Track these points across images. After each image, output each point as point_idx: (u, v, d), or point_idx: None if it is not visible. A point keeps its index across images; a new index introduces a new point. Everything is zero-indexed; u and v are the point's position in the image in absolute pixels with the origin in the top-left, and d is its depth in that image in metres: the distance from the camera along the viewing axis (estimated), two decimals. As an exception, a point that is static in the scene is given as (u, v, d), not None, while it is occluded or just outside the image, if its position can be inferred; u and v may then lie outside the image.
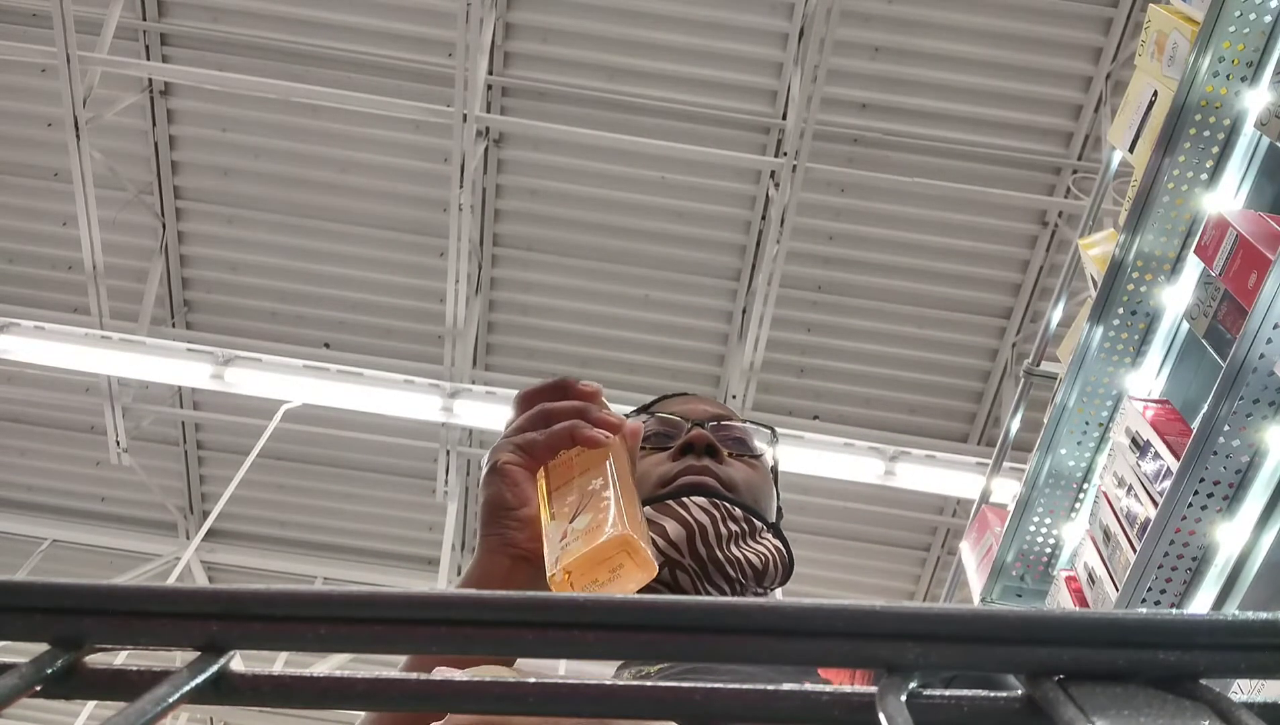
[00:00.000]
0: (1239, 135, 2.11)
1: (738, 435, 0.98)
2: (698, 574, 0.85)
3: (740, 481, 0.92)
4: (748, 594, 0.88)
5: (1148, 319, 2.35)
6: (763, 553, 0.88)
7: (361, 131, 4.90)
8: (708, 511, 0.87)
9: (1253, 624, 0.19)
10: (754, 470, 0.96)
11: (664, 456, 0.94)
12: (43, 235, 5.23)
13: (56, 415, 5.59)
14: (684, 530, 0.85)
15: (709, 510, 0.87)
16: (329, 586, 0.22)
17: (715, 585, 0.86)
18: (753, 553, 0.87)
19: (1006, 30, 4.55)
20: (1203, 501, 1.90)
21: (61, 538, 5.82)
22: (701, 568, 0.85)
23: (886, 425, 5.26)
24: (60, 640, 0.20)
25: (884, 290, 5.10)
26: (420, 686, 0.20)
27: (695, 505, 0.87)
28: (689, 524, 0.86)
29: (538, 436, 0.73)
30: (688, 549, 0.85)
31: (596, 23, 4.69)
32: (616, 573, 0.61)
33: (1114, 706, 0.19)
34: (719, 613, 0.20)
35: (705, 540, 0.85)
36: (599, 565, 0.61)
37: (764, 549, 0.89)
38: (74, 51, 4.38)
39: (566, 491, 0.70)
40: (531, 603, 0.21)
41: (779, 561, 0.90)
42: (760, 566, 0.87)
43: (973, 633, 0.20)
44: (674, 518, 0.86)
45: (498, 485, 0.73)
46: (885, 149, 4.84)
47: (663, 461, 0.94)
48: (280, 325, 5.38)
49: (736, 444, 0.97)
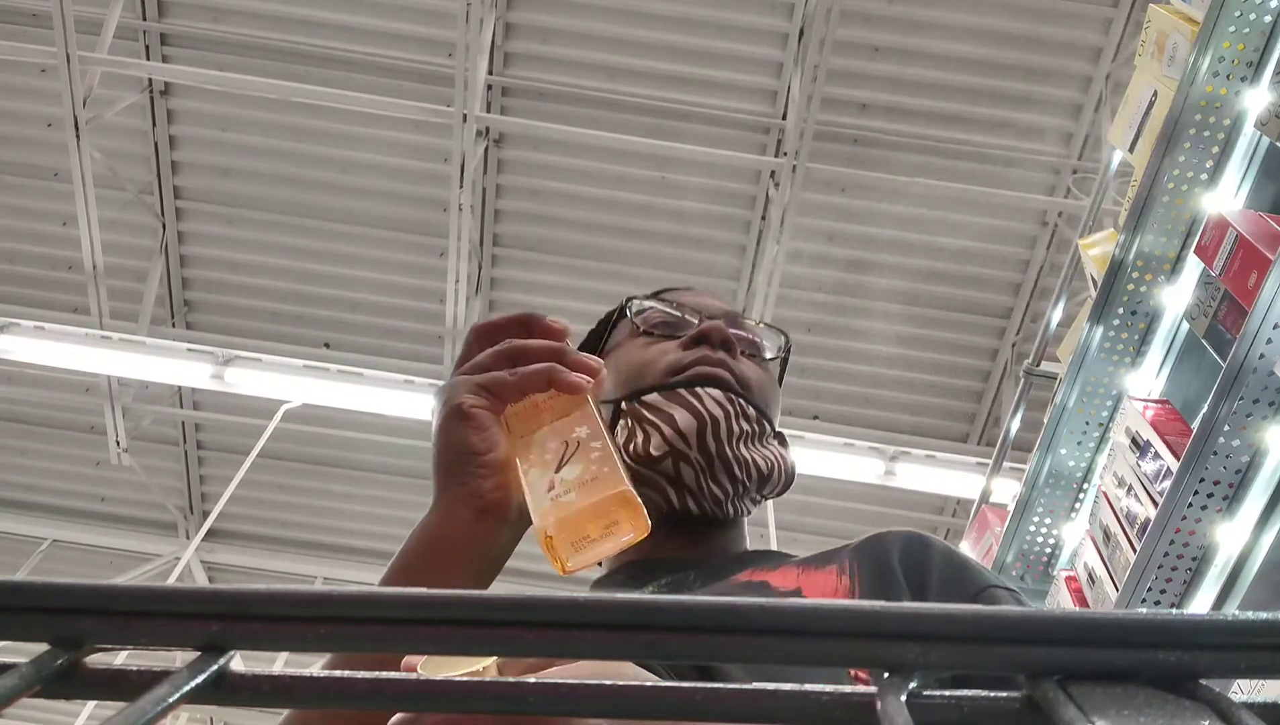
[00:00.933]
0: (1239, 135, 2.11)
1: (751, 335, 0.93)
2: (703, 469, 0.81)
3: (753, 381, 0.87)
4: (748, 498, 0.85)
5: (1148, 319, 2.36)
6: (770, 458, 0.85)
7: (361, 131, 4.91)
8: (721, 405, 0.82)
9: (1253, 624, 0.19)
10: (765, 373, 0.91)
11: (673, 345, 0.88)
12: (43, 235, 5.23)
13: (56, 415, 5.59)
14: (695, 422, 0.81)
15: (723, 404, 0.82)
16: (329, 586, 0.22)
17: (719, 483, 0.82)
18: (760, 456, 0.84)
19: (1006, 30, 4.56)
20: (1203, 501, 1.90)
21: (61, 538, 5.82)
22: (708, 463, 0.81)
23: (886, 425, 5.26)
24: (60, 640, 0.20)
25: (884, 290, 5.10)
26: (420, 686, 0.20)
27: (709, 397, 0.82)
28: (701, 416, 0.81)
29: (507, 377, 0.66)
30: (696, 442, 0.81)
31: (596, 23, 4.69)
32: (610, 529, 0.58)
33: (1114, 706, 0.19)
34: (719, 613, 0.20)
35: (716, 435, 0.81)
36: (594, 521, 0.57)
37: (771, 455, 0.85)
38: (74, 51, 4.38)
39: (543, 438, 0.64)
40: (532, 603, 0.21)
41: (783, 470, 0.86)
42: (765, 472, 0.83)
43: (973, 633, 0.20)
44: (685, 407, 0.81)
45: (461, 429, 0.65)
46: (885, 149, 4.84)
47: (671, 350, 0.88)
48: (280, 325, 5.38)
49: (749, 344, 0.92)
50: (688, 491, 0.82)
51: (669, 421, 0.81)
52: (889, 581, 0.72)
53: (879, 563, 0.74)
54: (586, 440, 0.62)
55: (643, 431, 0.82)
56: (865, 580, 0.73)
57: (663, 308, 0.94)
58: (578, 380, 0.65)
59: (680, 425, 0.81)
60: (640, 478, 0.82)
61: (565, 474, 0.60)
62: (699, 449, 0.81)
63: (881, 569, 0.73)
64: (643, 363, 0.88)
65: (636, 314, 0.94)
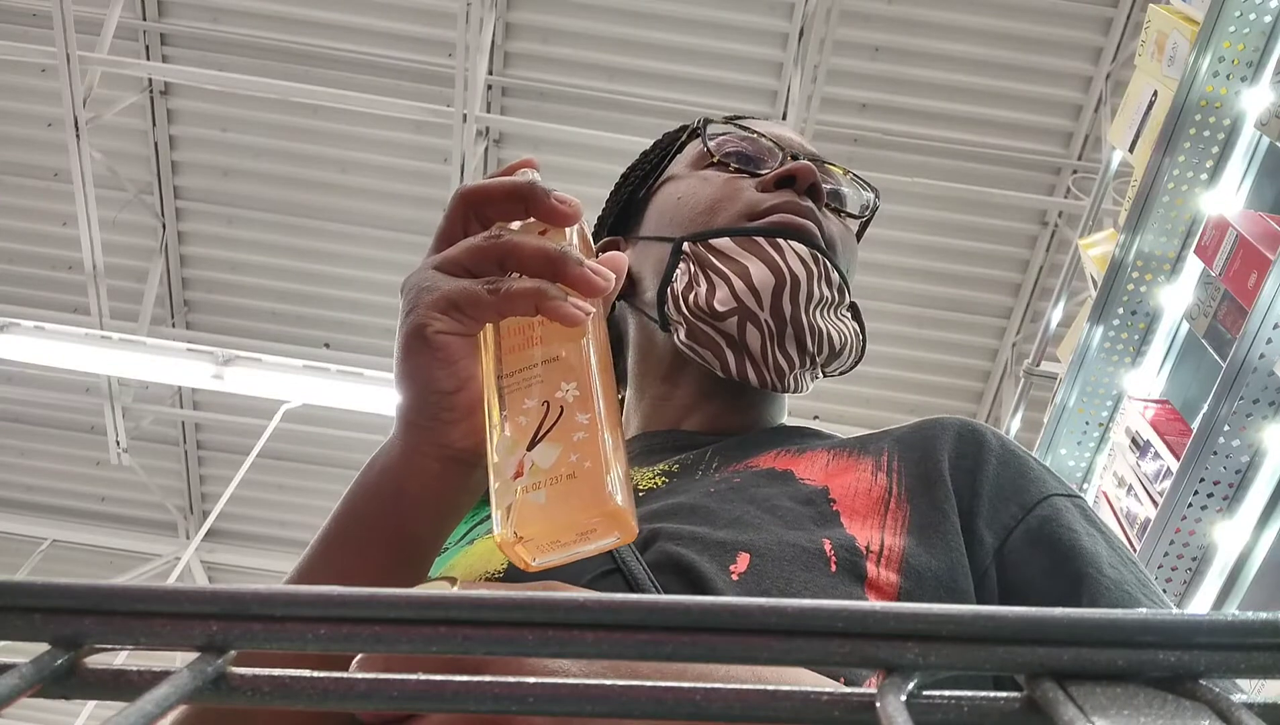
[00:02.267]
0: (1239, 135, 2.12)
1: (838, 186, 0.81)
2: (772, 334, 0.70)
3: (838, 240, 0.76)
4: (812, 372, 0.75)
5: (1148, 319, 2.36)
6: (845, 332, 0.75)
7: (361, 131, 4.91)
8: (806, 263, 0.71)
9: (1253, 624, 0.19)
10: (849, 232, 0.80)
11: (752, 183, 0.76)
12: (43, 235, 5.23)
13: (56, 415, 5.59)
14: (773, 278, 0.70)
15: (807, 263, 0.71)
16: (329, 586, 0.22)
17: (785, 352, 0.71)
18: (836, 329, 0.73)
19: (1006, 30, 4.55)
20: (1203, 501, 1.90)
21: (61, 538, 5.82)
22: (779, 328, 0.70)
23: (886, 425, 5.25)
24: (60, 640, 0.20)
25: (884, 290, 5.10)
26: (419, 686, 0.20)
27: (792, 252, 0.71)
28: (781, 272, 0.70)
29: (484, 293, 0.50)
30: (770, 302, 0.70)
31: (596, 23, 4.69)
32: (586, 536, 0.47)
33: (1114, 706, 0.19)
34: (720, 613, 0.20)
35: (794, 297, 0.70)
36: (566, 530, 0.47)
37: (846, 328, 0.75)
38: (74, 51, 4.38)
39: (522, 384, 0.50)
40: (532, 603, 0.21)
41: (855, 347, 0.77)
42: (839, 346, 0.74)
43: (973, 632, 0.20)
44: (763, 260, 0.70)
45: (424, 358, 0.52)
46: (885, 149, 4.84)
47: (749, 188, 0.75)
48: (280, 325, 5.38)
49: (835, 196, 0.80)
50: (749, 358, 0.71)
51: (742, 274, 0.70)
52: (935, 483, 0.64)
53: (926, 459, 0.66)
54: (572, 407, 0.48)
55: (707, 280, 0.71)
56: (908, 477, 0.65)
57: (743, 134, 0.80)
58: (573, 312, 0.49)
59: (755, 280, 0.69)
60: (696, 334, 0.72)
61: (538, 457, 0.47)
62: (772, 311, 0.70)
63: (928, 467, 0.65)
64: (715, 199, 0.75)
65: (711, 138, 0.80)
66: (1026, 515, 0.62)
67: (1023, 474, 0.65)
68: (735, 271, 0.70)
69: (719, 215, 0.74)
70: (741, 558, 0.59)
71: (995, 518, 0.62)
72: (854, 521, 0.62)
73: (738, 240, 0.71)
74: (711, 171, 0.78)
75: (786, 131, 0.83)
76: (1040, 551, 0.61)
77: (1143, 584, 0.61)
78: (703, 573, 0.58)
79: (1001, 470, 0.65)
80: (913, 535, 0.61)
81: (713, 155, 0.79)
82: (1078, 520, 0.63)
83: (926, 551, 0.60)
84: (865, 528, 0.61)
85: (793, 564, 0.59)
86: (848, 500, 0.63)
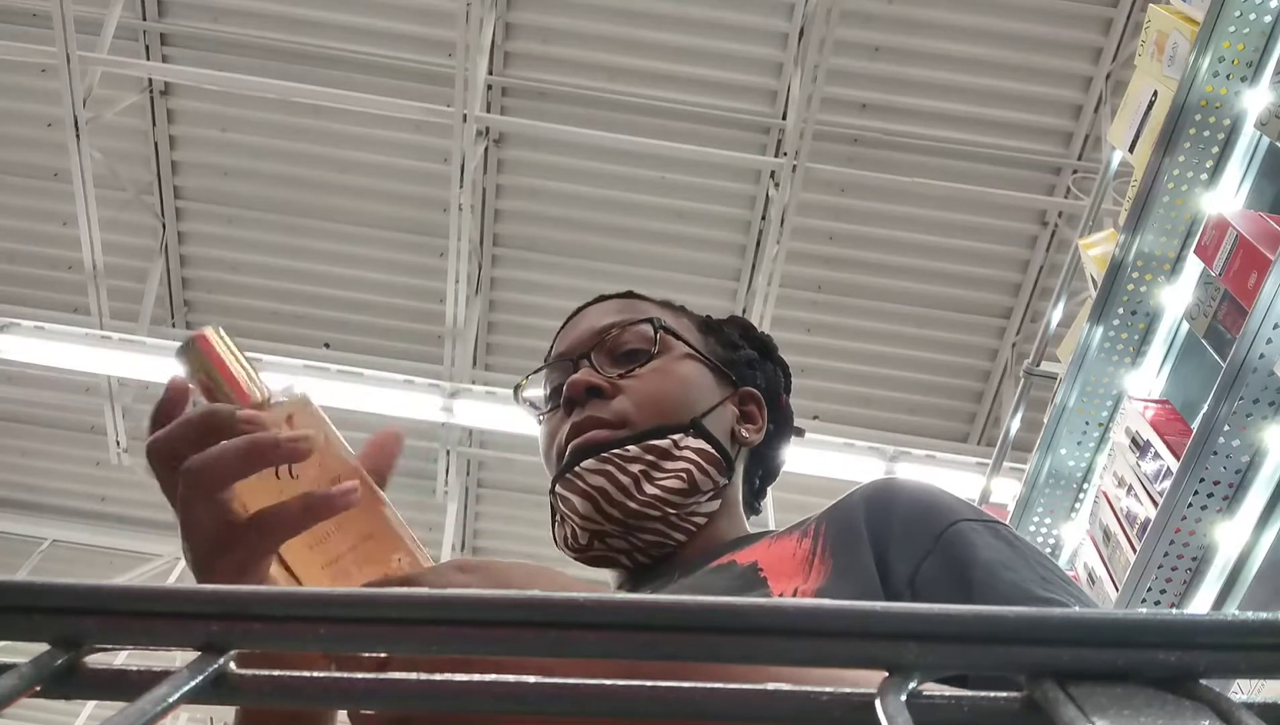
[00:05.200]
0: (1239, 135, 2.11)
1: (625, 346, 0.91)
2: (622, 533, 0.83)
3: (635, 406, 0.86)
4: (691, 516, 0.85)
5: (1148, 319, 2.35)
6: (681, 471, 0.84)
7: (361, 131, 4.90)
8: (600, 471, 0.83)
9: (1253, 624, 0.19)
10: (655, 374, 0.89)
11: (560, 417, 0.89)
12: (43, 235, 5.23)
13: (56, 415, 5.59)
14: (587, 502, 0.83)
15: (601, 469, 0.83)
16: (329, 587, 0.22)
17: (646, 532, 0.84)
18: (669, 477, 0.84)
19: (1006, 30, 4.55)
20: (1203, 501, 1.90)
21: (61, 538, 5.81)
22: (622, 527, 0.83)
23: (886, 425, 5.26)
24: (60, 640, 0.20)
25: (884, 290, 5.10)
26: (420, 686, 0.20)
27: (588, 472, 0.83)
28: (590, 495, 0.83)
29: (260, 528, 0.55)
30: (600, 516, 0.82)
31: (596, 23, 4.69)
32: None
33: (1114, 706, 0.19)
34: (719, 613, 0.20)
35: (610, 501, 0.82)
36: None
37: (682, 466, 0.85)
38: (74, 51, 4.38)
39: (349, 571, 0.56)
40: (532, 603, 0.21)
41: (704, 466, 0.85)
42: (684, 486, 0.84)
43: (973, 632, 0.20)
44: (575, 492, 0.83)
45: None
46: (885, 149, 4.84)
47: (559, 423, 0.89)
48: (280, 325, 5.38)
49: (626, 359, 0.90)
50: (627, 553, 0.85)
51: (573, 510, 0.84)
52: (852, 534, 0.69)
53: (846, 519, 0.72)
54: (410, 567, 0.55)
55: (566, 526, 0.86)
56: (829, 540, 0.70)
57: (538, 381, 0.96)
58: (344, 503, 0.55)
59: (580, 511, 0.83)
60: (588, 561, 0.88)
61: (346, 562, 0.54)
62: (608, 520, 0.83)
63: (847, 526, 0.71)
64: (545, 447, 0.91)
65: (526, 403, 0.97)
66: (935, 544, 0.67)
67: (932, 509, 0.70)
68: (569, 509, 0.84)
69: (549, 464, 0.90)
70: None
71: (906, 550, 0.67)
72: (779, 581, 0.69)
73: (562, 483, 0.85)
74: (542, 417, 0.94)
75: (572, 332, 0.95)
76: (946, 571, 0.65)
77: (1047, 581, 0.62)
78: None
79: (912, 508, 0.70)
80: (830, 579, 0.67)
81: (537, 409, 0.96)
82: (981, 537, 0.66)
83: (838, 589, 0.66)
84: (788, 583, 0.68)
85: None
86: (774, 567, 0.71)
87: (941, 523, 0.67)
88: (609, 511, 0.82)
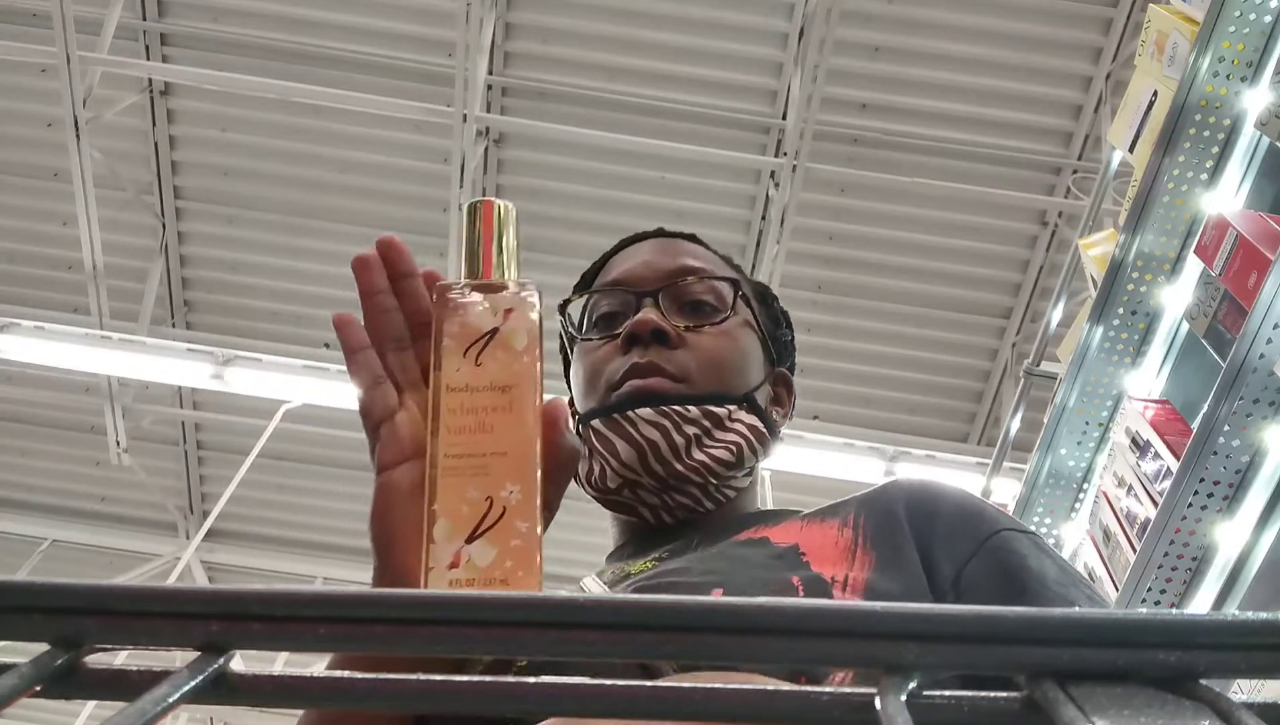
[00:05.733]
0: (1239, 135, 2.12)
1: (697, 296, 0.87)
2: (658, 489, 0.80)
3: (698, 365, 0.83)
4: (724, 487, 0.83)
5: (1148, 319, 2.35)
6: (732, 443, 0.82)
7: (361, 131, 4.90)
8: (657, 424, 0.79)
9: (1253, 624, 0.19)
10: (721, 336, 0.85)
11: (612, 349, 0.84)
12: (43, 235, 5.23)
13: (56, 415, 5.59)
14: (634, 451, 0.79)
15: (657, 422, 0.79)
16: (329, 586, 0.22)
17: (682, 493, 0.81)
18: (720, 447, 0.81)
19: (1006, 30, 4.55)
20: (1203, 501, 1.90)
21: (61, 538, 5.82)
22: (661, 483, 0.80)
23: (886, 425, 5.26)
24: (60, 640, 0.21)
25: (884, 290, 5.10)
26: (420, 686, 0.20)
27: (642, 420, 0.79)
28: (639, 444, 0.79)
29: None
30: (642, 468, 0.79)
31: (596, 23, 4.69)
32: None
33: (1114, 706, 0.19)
34: (720, 613, 0.20)
35: (659, 457, 0.79)
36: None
37: (733, 438, 0.82)
38: (74, 51, 4.38)
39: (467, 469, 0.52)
40: (532, 603, 0.21)
41: (754, 442, 0.83)
42: (731, 458, 0.81)
43: (972, 632, 0.20)
44: (622, 437, 0.79)
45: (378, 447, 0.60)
46: (885, 149, 4.84)
47: (612, 355, 0.84)
48: (280, 325, 5.38)
49: (694, 311, 0.86)
50: (655, 508, 0.82)
51: (613, 453, 0.80)
52: (894, 530, 0.70)
53: (885, 513, 0.72)
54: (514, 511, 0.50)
55: (598, 463, 0.81)
56: (870, 532, 0.71)
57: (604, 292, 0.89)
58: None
59: (623, 457, 0.79)
60: (608, 503, 0.84)
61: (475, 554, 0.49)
62: (648, 474, 0.79)
63: (887, 520, 0.71)
64: (587, 377, 0.86)
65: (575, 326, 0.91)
66: (980, 548, 0.69)
67: (978, 514, 0.73)
68: (609, 452, 0.80)
69: (590, 395, 0.85)
70: (715, 591, 0.65)
71: (952, 551, 0.69)
72: (823, 567, 0.68)
73: (604, 421, 0.81)
74: (586, 342, 0.88)
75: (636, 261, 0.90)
76: (993, 576, 0.68)
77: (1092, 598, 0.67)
78: None
79: (956, 513, 0.73)
80: (875, 571, 0.68)
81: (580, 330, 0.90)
82: (1027, 547, 0.69)
83: (887, 581, 0.67)
84: (833, 570, 0.68)
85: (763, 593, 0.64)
86: (816, 552, 0.70)
87: (987, 528, 0.70)
88: (653, 467, 0.79)
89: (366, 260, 0.62)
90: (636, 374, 0.81)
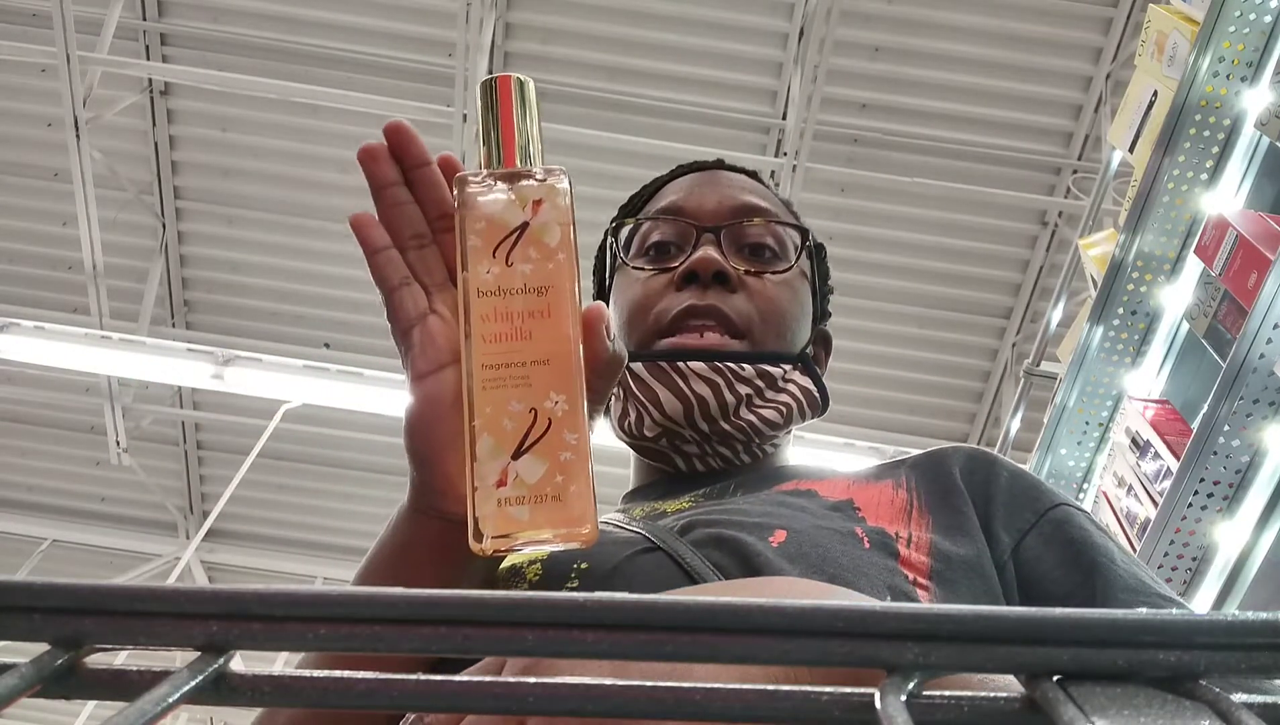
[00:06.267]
0: (1239, 135, 2.12)
1: (759, 240, 0.80)
2: (701, 441, 0.76)
3: (758, 314, 0.78)
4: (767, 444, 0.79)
5: (1148, 319, 2.36)
6: (782, 405, 0.78)
7: (361, 131, 4.90)
8: (709, 380, 0.74)
9: (1253, 624, 0.19)
10: (783, 286, 0.80)
11: (665, 283, 0.78)
12: (43, 235, 5.23)
13: (56, 415, 5.59)
14: (681, 405, 0.74)
15: (710, 378, 0.74)
16: (329, 586, 0.22)
17: (724, 448, 0.77)
18: (770, 408, 0.77)
19: (1006, 30, 4.55)
20: (1203, 501, 1.90)
21: (61, 538, 5.81)
22: (704, 438, 0.76)
23: (886, 425, 5.26)
24: (60, 640, 0.20)
25: (884, 290, 5.10)
26: (420, 686, 0.20)
27: (695, 375, 0.74)
28: (687, 398, 0.74)
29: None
30: (686, 422, 0.74)
31: (596, 23, 4.69)
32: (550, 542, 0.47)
33: (1114, 706, 0.19)
34: (720, 613, 0.20)
35: (706, 414, 0.74)
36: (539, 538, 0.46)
37: (785, 400, 0.78)
38: (74, 51, 4.38)
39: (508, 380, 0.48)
40: (532, 602, 0.21)
41: (804, 405, 0.80)
42: (780, 420, 0.77)
43: (972, 632, 0.20)
44: (670, 388, 0.74)
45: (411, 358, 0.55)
46: (885, 149, 4.84)
47: (663, 290, 0.78)
48: (280, 325, 5.38)
49: (754, 255, 0.80)
50: (692, 459, 0.78)
51: (655, 403, 0.75)
52: (950, 493, 0.69)
53: (940, 476, 0.71)
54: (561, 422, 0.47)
55: (634, 408, 0.76)
56: (925, 493, 0.69)
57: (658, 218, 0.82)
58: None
59: (667, 408, 0.74)
60: (641, 450, 0.80)
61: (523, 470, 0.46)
62: (692, 428, 0.75)
63: (943, 483, 0.70)
64: (632, 310, 0.79)
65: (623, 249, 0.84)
66: (1040, 519, 0.68)
67: (1035, 487, 0.71)
68: (651, 402, 0.75)
69: (636, 328, 0.78)
70: (779, 533, 0.62)
71: (1010, 521, 0.68)
72: (880, 522, 0.66)
73: (649, 367, 0.75)
74: (636, 271, 0.81)
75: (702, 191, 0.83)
76: (1054, 548, 0.66)
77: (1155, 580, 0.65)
78: (745, 542, 0.61)
79: (1013, 483, 0.70)
80: (937, 532, 0.66)
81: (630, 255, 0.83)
82: (1089, 524, 0.68)
83: (951, 542, 0.65)
84: (892, 525, 0.66)
85: (829, 538, 0.62)
86: (872, 508, 0.68)
87: (1046, 501, 0.69)
88: (698, 423, 0.75)
89: (374, 150, 0.57)
90: (694, 315, 0.76)
